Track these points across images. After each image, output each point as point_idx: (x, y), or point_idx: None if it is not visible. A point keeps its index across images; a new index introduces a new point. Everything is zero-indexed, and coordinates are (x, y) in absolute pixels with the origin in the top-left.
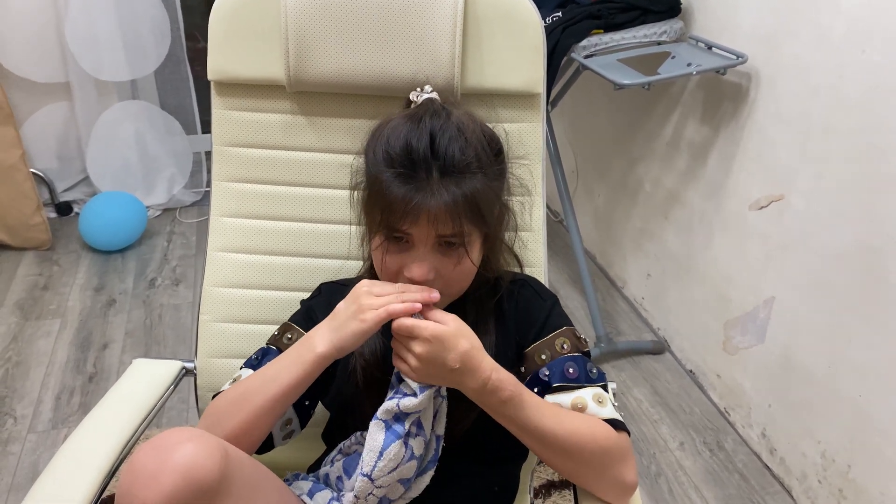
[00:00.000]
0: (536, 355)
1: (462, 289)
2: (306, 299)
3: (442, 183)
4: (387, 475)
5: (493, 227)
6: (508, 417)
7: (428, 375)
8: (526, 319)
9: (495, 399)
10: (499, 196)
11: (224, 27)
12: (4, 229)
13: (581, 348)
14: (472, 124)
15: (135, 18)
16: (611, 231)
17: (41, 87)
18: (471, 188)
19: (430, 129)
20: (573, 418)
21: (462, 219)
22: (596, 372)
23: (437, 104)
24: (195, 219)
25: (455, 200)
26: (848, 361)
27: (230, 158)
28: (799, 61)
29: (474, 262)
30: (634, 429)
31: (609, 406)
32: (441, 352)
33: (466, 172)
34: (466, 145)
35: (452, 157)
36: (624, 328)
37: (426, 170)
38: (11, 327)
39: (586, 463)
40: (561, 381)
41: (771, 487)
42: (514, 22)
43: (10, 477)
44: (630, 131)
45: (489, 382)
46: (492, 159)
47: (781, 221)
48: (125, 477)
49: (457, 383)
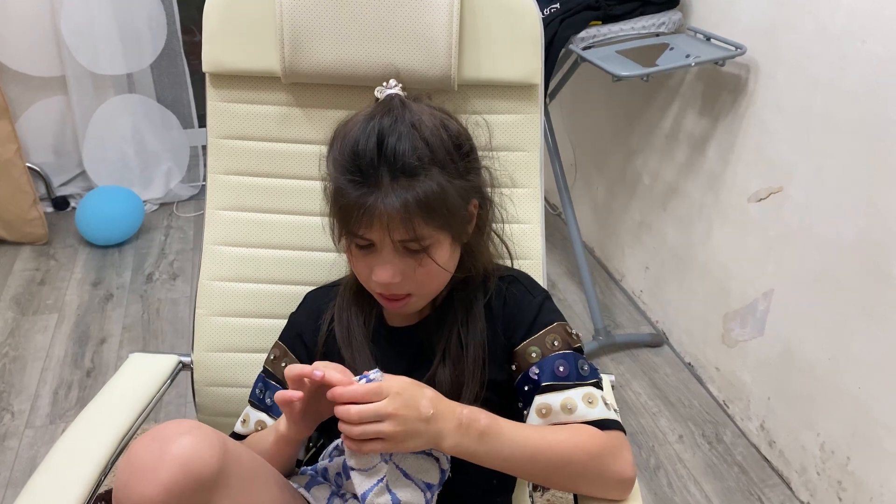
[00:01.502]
0: (527, 353)
1: (438, 287)
2: (293, 312)
3: (393, 186)
4: None
5: (458, 227)
6: (491, 451)
7: (407, 436)
8: (515, 317)
9: (474, 432)
10: (467, 194)
11: (218, 18)
12: (1, 224)
13: (572, 344)
14: (432, 120)
15: (131, 12)
16: (609, 224)
17: (37, 81)
18: (425, 190)
19: (378, 130)
20: (555, 433)
21: (415, 222)
22: (588, 368)
23: (396, 101)
24: (192, 213)
25: (405, 204)
26: (848, 354)
27: (226, 151)
28: (799, 52)
29: (441, 264)
30: (633, 421)
31: (599, 405)
32: (412, 400)
33: (419, 173)
34: (420, 144)
35: (403, 158)
36: (622, 321)
37: (374, 173)
38: (8, 322)
39: (578, 474)
40: (551, 379)
41: (770, 480)
42: (511, 12)
43: (8, 472)
44: (629, 123)
45: (464, 417)
46: (454, 156)
47: (781, 214)
48: (123, 469)
49: (435, 433)
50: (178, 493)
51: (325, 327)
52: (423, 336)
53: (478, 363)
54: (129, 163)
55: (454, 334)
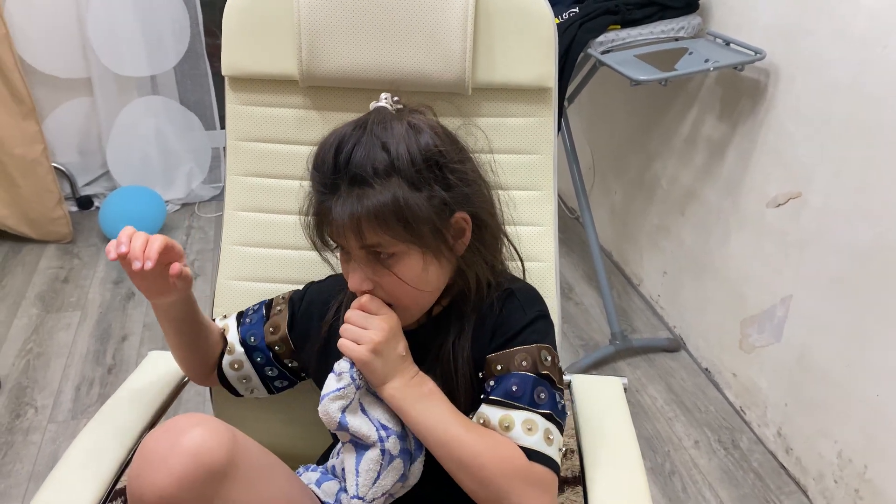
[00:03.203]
0: (493, 364)
1: (415, 300)
2: (315, 281)
3: (348, 194)
4: (374, 486)
5: (430, 240)
6: (420, 416)
7: (376, 355)
8: (499, 329)
9: (416, 392)
10: (443, 208)
11: (238, 22)
12: (27, 222)
13: (539, 370)
14: (404, 132)
15: (155, 14)
16: (627, 228)
17: (63, 83)
18: (378, 199)
19: (339, 139)
20: (483, 434)
21: (365, 231)
22: (545, 398)
23: (377, 112)
24: (214, 213)
25: (353, 213)
26: (866, 361)
27: (244, 153)
28: (818, 57)
29: (407, 276)
30: (649, 426)
31: (538, 436)
32: (398, 336)
33: (374, 183)
34: (380, 154)
35: (356, 168)
36: (639, 325)
37: (333, 181)
38: (33, 319)
39: (483, 484)
40: (501, 395)
41: (787, 487)
42: (525, 16)
43: (31, 465)
44: (647, 128)
45: (417, 375)
46: (422, 168)
47: (799, 219)
48: (136, 460)
49: (393, 370)
50: (189, 484)
51: (332, 314)
52: (420, 343)
53: (467, 378)
54: (151, 163)
55: (447, 347)
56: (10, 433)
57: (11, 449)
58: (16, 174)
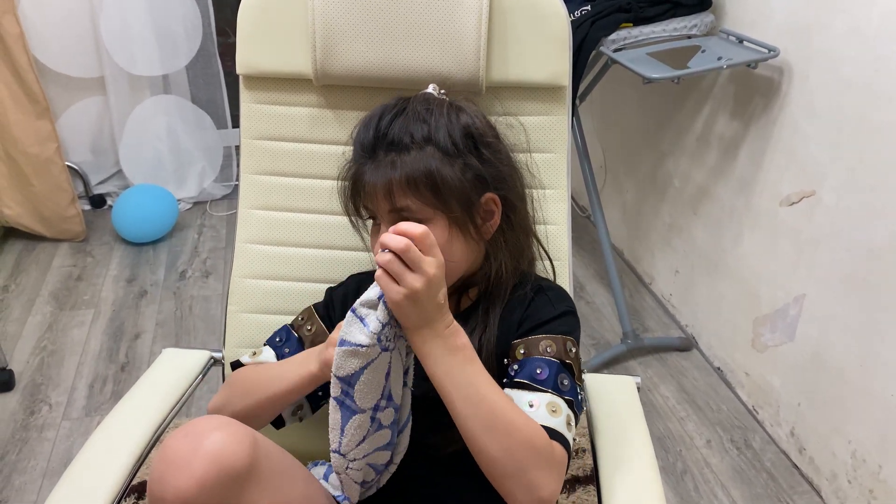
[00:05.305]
0: (517, 349)
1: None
2: (333, 287)
3: (384, 159)
4: (356, 448)
5: (458, 211)
6: (450, 369)
7: (416, 301)
8: (528, 318)
9: (451, 343)
10: (475, 182)
11: (252, 22)
12: (40, 221)
13: (564, 359)
14: (448, 111)
15: (167, 14)
16: (639, 227)
17: (77, 82)
18: (411, 166)
19: (382, 109)
20: (513, 406)
21: (396, 193)
22: (568, 385)
23: (425, 95)
24: (225, 212)
25: (386, 176)
26: (880, 359)
27: (258, 152)
28: (832, 55)
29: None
30: (661, 425)
31: (561, 419)
32: (440, 284)
33: (410, 149)
34: (419, 124)
35: (394, 134)
36: (651, 325)
37: (372, 146)
38: (47, 317)
39: (507, 452)
40: (526, 378)
41: (799, 487)
42: (539, 14)
43: (45, 462)
44: (659, 126)
45: (453, 326)
46: (458, 141)
47: (813, 217)
48: (157, 464)
49: (430, 319)
50: (210, 487)
51: None
52: None
53: (493, 371)
54: (163, 162)
55: (473, 341)
56: (25, 430)
57: (26, 445)
58: (30, 173)
